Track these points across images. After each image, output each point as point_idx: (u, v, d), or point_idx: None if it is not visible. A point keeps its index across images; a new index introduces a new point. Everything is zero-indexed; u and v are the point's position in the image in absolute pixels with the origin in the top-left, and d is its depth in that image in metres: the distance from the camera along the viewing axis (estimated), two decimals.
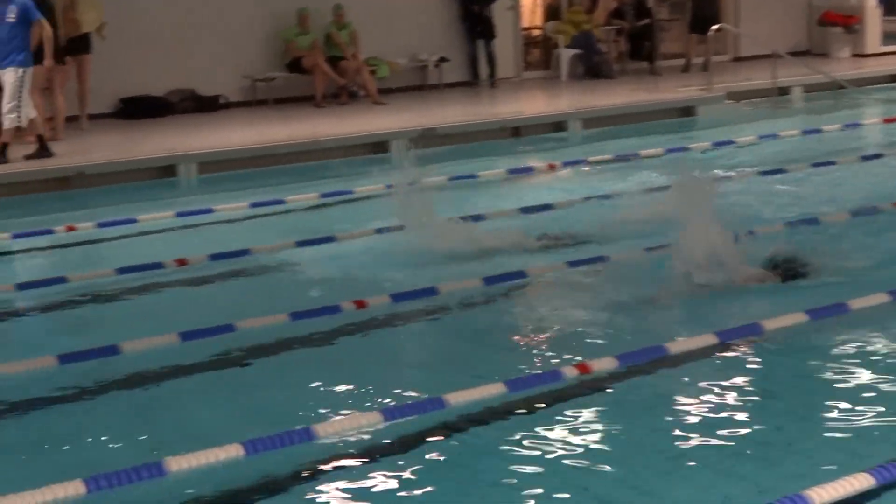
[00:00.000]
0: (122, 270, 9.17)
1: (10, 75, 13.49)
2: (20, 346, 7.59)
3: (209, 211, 11.68)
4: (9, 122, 13.51)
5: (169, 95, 18.02)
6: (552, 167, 13.92)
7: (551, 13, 22.63)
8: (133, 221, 11.27)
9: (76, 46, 16.10)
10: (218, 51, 18.42)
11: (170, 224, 11.37)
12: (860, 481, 4.80)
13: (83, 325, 8.36)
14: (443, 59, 20.26)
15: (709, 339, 6.93)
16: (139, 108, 17.60)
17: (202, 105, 18.17)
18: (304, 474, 5.43)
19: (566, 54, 21.19)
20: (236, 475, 5.39)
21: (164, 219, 11.46)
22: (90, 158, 14.08)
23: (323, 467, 5.49)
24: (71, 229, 11.04)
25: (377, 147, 15.22)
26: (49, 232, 10.97)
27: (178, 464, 5.31)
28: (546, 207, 11.34)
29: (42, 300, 8.69)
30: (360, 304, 7.97)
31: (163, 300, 8.86)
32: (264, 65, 18.82)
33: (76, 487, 5.09)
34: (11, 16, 13.45)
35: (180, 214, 11.57)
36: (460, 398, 6.03)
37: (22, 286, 8.86)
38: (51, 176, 13.40)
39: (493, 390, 6.14)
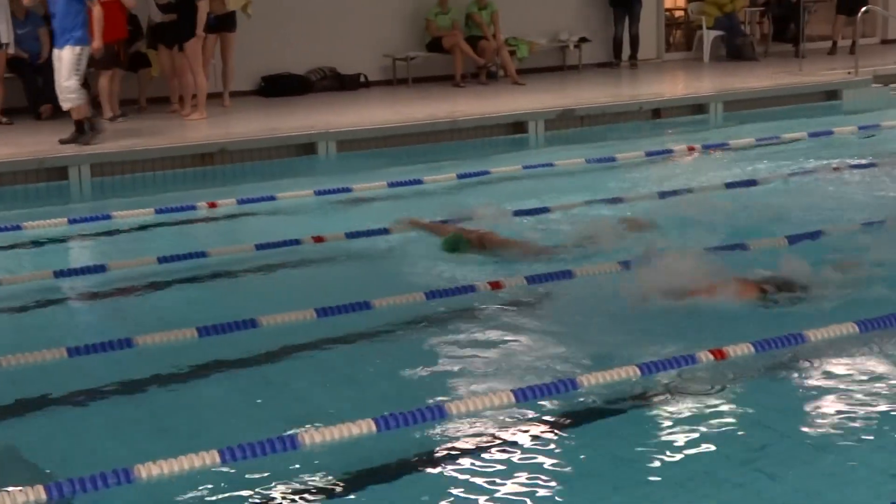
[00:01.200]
0: (261, 246, 9.30)
1: (66, 53, 13.36)
2: (162, 319, 7.69)
3: (348, 189, 11.78)
4: (70, 101, 13.47)
5: (310, 74, 18.25)
6: (692, 150, 13.75)
7: None
8: (272, 199, 11.45)
9: (222, 24, 16.36)
10: (359, 30, 18.59)
11: (308, 201, 11.50)
12: None
13: (222, 298, 8.52)
14: (583, 40, 20.16)
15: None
16: (280, 87, 17.86)
17: (342, 83, 18.35)
18: (436, 452, 5.46)
19: (709, 36, 20.95)
20: (367, 451, 5.44)
21: (303, 196, 11.60)
22: (232, 134, 14.30)
23: (455, 445, 5.53)
24: (213, 206, 11.26)
25: (515, 127, 15.22)
26: (192, 208, 11.19)
27: (311, 437, 5.40)
28: (685, 191, 11.22)
29: (183, 274, 8.84)
30: (496, 286, 8.00)
31: (300, 276, 8.98)
32: (404, 44, 18.93)
33: (212, 457, 5.21)
34: None
35: (319, 192, 11.69)
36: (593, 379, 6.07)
37: (163, 259, 9.00)
38: (194, 152, 13.65)
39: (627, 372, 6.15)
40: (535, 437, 5.58)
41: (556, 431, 5.66)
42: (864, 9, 19.38)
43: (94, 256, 9.85)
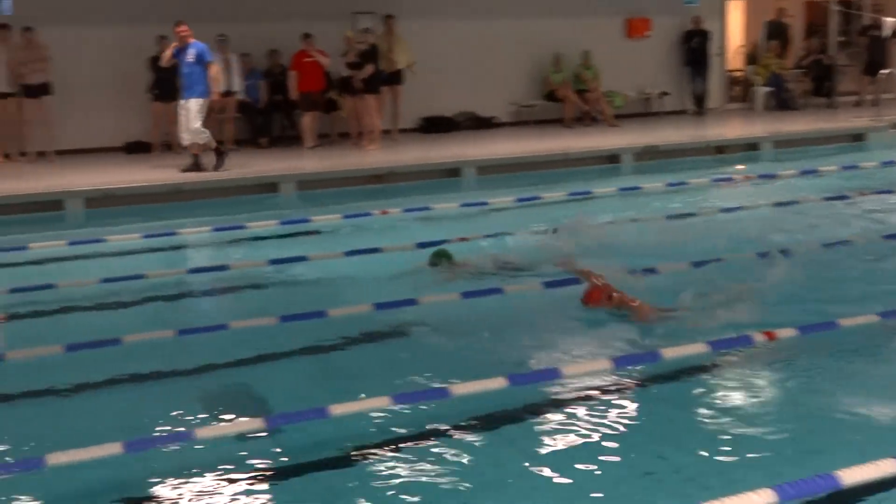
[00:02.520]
0: (420, 245, 9.31)
1: (193, 104, 13.12)
2: (344, 300, 7.57)
3: (485, 203, 11.73)
4: (196, 140, 13.23)
5: (456, 116, 18.24)
6: (748, 178, 13.42)
7: (750, 58, 21.87)
8: (428, 209, 11.45)
9: (392, 79, 16.46)
10: (493, 83, 18.54)
11: (454, 211, 11.48)
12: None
13: (390, 285, 8.42)
14: (664, 93, 19.85)
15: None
16: (435, 125, 17.89)
17: (480, 123, 18.31)
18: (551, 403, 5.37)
19: (761, 91, 20.42)
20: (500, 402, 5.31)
21: (450, 208, 11.58)
22: (398, 161, 14.36)
23: (567, 397, 5.42)
24: (384, 213, 11.30)
25: (611, 159, 15.03)
26: (368, 214, 11.23)
27: (460, 389, 5.31)
28: (740, 209, 10.93)
29: (363, 267, 8.74)
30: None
31: None
32: (527, 94, 18.84)
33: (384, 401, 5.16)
34: (190, 57, 13.07)
35: (463, 205, 11.67)
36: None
37: (349, 253, 8.99)
38: (370, 173, 13.73)
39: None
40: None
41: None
42: (885, 71, 18.79)
43: (297, 249, 9.66)
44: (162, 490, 4.49)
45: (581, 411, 5.21)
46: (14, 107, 14.64)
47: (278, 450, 4.87)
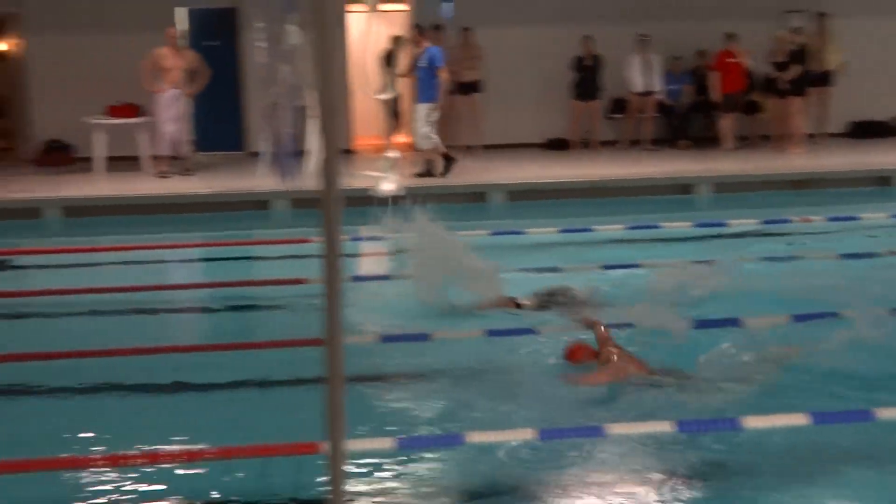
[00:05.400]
0: (846, 256, 8.76)
1: (421, 108, 13.13)
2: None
3: None
4: (428, 145, 13.18)
5: (891, 120, 17.02)
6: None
7: None
8: (855, 219, 10.75)
9: (821, 80, 15.71)
10: None
11: (885, 221, 10.70)
12: None
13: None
14: None
15: None
16: (866, 130, 16.80)
17: None
18: None
19: None
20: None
21: (879, 218, 10.80)
22: (823, 166, 13.69)
23: None
24: (806, 220, 10.78)
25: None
26: (787, 221, 10.78)
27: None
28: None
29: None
30: None
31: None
32: None
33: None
34: (423, 62, 13.14)
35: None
36: None
37: (762, 259, 8.66)
38: (791, 178, 13.22)
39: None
40: None
41: None
42: None
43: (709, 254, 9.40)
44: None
45: None
46: (447, 103, 15.63)
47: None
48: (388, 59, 15.14)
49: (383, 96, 15.05)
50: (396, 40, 15.16)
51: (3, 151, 16.33)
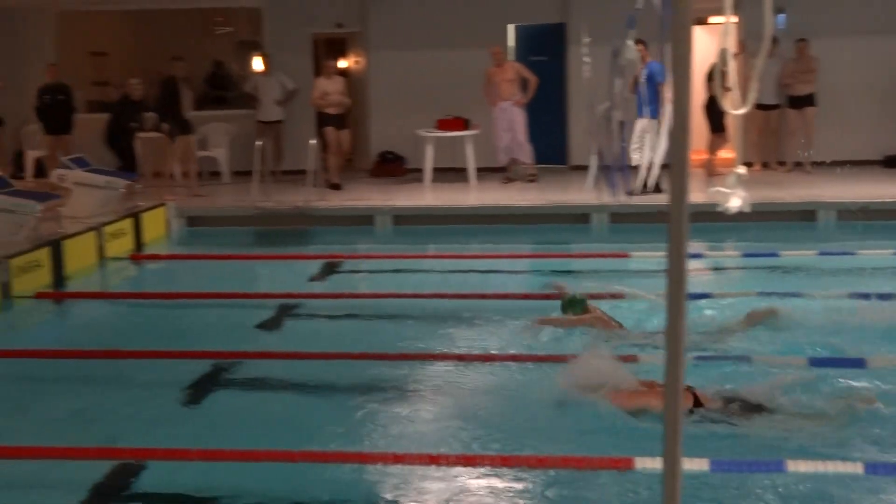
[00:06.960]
0: None
1: (640, 123, 12.87)
2: None
3: None
4: (639, 160, 12.71)
5: None
6: None
7: None
8: None
9: None
10: None
11: None
12: None
13: None
14: None
15: None
16: None
17: None
18: None
19: None
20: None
21: None
22: None
23: None
24: None
25: None
26: None
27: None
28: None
29: None
30: None
31: None
32: None
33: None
34: (644, 77, 12.83)
35: None
36: None
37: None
38: None
39: None
40: None
41: None
42: None
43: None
44: None
45: None
46: (777, 117, 15.16)
47: None
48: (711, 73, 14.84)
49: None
50: (722, 53, 14.82)
51: (346, 162, 17.46)
